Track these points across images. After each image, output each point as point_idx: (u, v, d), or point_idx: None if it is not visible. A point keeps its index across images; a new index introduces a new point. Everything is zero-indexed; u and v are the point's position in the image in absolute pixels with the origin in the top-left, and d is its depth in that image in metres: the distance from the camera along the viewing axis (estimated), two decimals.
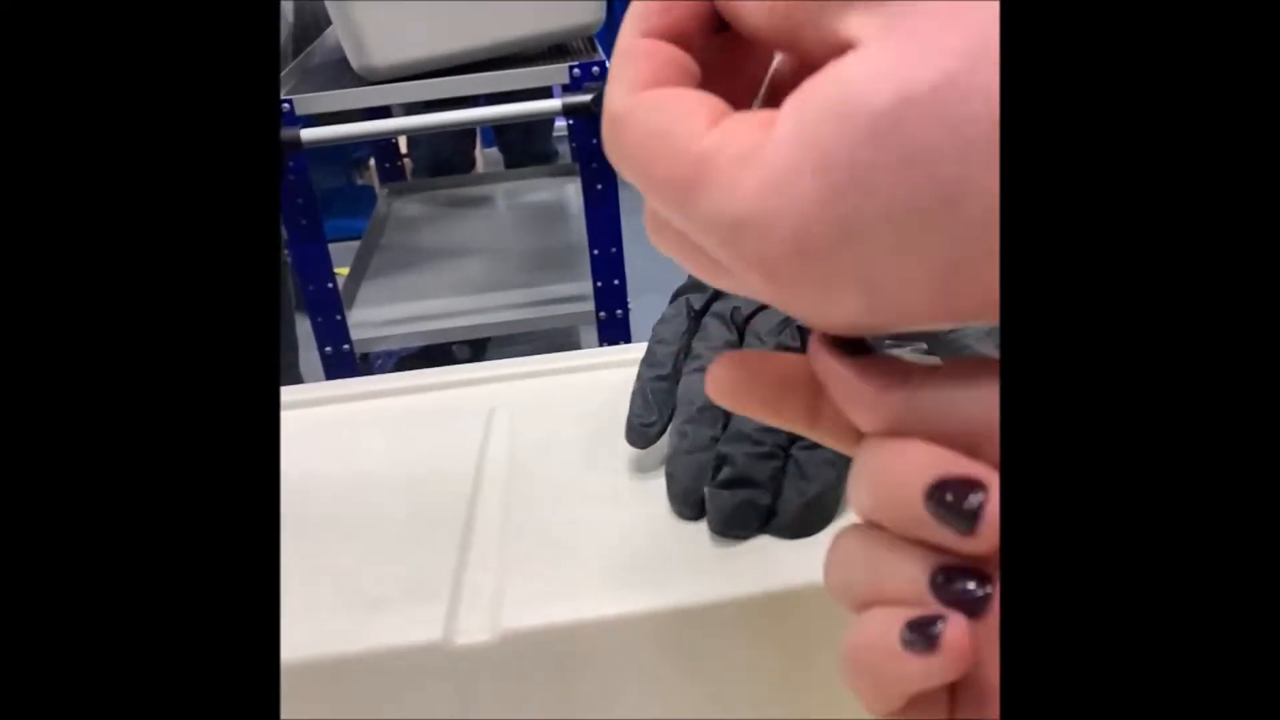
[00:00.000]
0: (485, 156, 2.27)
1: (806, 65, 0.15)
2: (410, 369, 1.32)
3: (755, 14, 0.16)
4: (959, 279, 0.14)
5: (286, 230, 1.11)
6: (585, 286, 1.21)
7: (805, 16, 0.15)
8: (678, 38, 0.17)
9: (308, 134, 1.03)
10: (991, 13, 0.13)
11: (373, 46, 1.05)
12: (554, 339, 1.53)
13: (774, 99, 0.19)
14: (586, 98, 1.04)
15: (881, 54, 0.14)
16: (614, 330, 1.18)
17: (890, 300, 0.15)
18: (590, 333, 1.24)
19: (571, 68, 1.06)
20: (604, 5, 1.11)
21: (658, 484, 0.32)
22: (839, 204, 0.14)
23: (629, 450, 0.34)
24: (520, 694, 0.27)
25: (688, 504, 0.31)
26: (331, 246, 1.14)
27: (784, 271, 0.15)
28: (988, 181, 0.13)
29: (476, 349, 1.36)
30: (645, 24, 0.17)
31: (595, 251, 1.15)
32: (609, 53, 1.13)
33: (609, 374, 0.40)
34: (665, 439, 0.33)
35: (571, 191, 1.65)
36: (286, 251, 1.69)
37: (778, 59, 0.19)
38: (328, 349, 1.17)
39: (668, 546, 0.29)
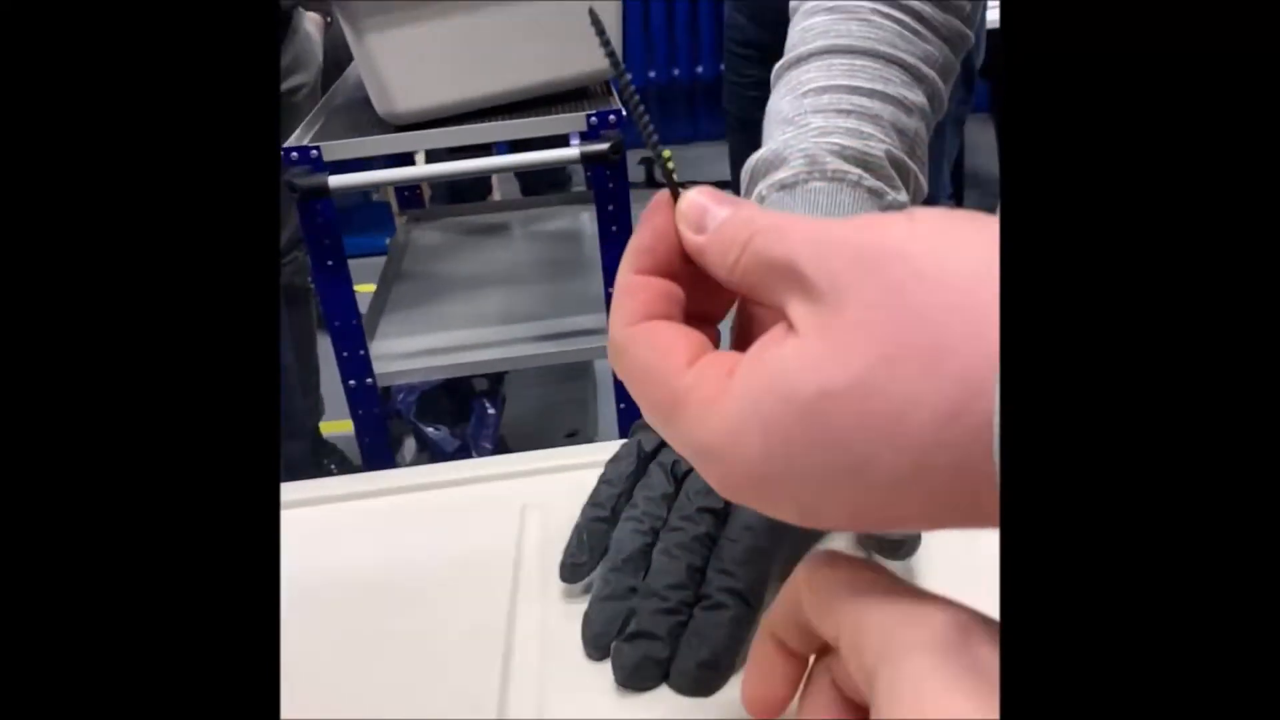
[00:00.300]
0: (500, 178, 2.31)
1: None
2: (432, 403, 1.36)
3: (719, 270, 0.21)
4: (866, 516, 0.19)
5: (314, 269, 1.15)
6: (601, 319, 1.25)
7: (759, 285, 0.20)
8: (664, 271, 0.22)
9: (335, 181, 1.07)
10: (895, 324, 0.18)
11: (396, 93, 1.09)
12: (568, 371, 1.56)
13: (743, 311, 0.23)
14: (604, 146, 1.07)
15: (812, 350, 0.18)
16: None
17: (816, 519, 0.20)
18: (605, 365, 1.28)
19: (589, 116, 1.09)
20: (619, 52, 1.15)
21: None
22: (776, 460, 0.19)
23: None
24: None
25: (597, 648, 0.32)
26: (350, 263, 1.17)
27: (737, 492, 0.20)
28: (889, 457, 0.18)
29: (494, 380, 1.40)
30: (636, 263, 0.22)
31: (610, 290, 1.19)
32: (621, 93, 1.18)
33: None
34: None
35: (586, 219, 1.69)
36: (312, 284, 1.74)
37: None
38: (351, 382, 1.21)
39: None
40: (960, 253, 0.18)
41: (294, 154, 1.08)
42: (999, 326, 0.16)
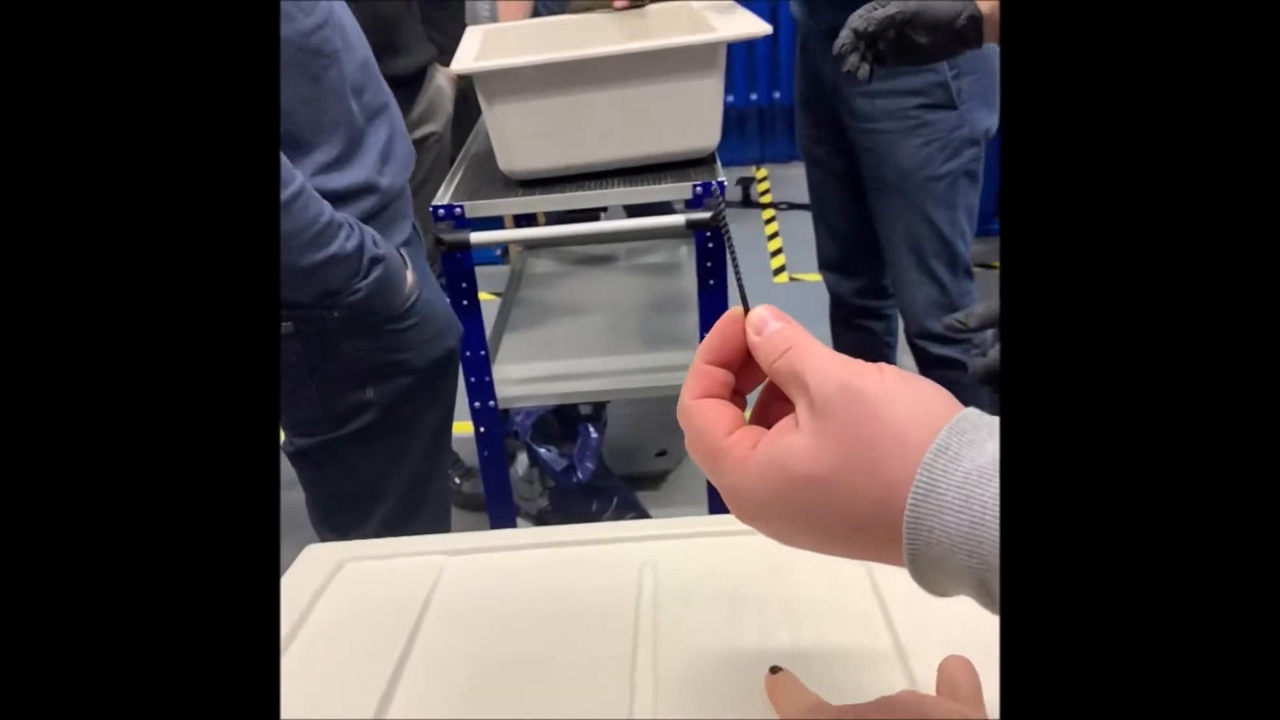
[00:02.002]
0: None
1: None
2: (544, 425, 1.53)
3: (763, 363, 0.34)
4: (824, 549, 0.32)
5: (452, 308, 1.33)
6: (692, 357, 1.40)
7: (784, 383, 0.33)
8: (723, 363, 0.36)
9: (475, 237, 1.25)
10: (854, 442, 0.29)
11: (517, 154, 1.26)
12: (665, 403, 1.72)
13: (763, 395, 0.36)
14: (707, 214, 1.22)
15: (806, 444, 0.31)
16: None
17: (794, 545, 0.33)
18: None
19: (695, 186, 1.24)
20: (719, 131, 1.29)
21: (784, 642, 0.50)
22: (774, 508, 0.31)
23: (764, 604, 0.52)
24: None
25: None
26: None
27: (747, 520, 0.33)
28: (842, 521, 0.30)
29: (598, 406, 1.57)
30: (706, 356, 0.36)
31: (702, 336, 1.34)
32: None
33: (743, 539, 0.59)
34: None
35: (684, 253, 1.84)
36: None
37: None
38: (476, 404, 1.39)
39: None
40: (902, 404, 0.29)
41: (440, 211, 1.26)
42: (928, 443, 0.27)
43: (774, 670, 0.45)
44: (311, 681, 0.50)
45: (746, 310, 0.35)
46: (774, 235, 3.05)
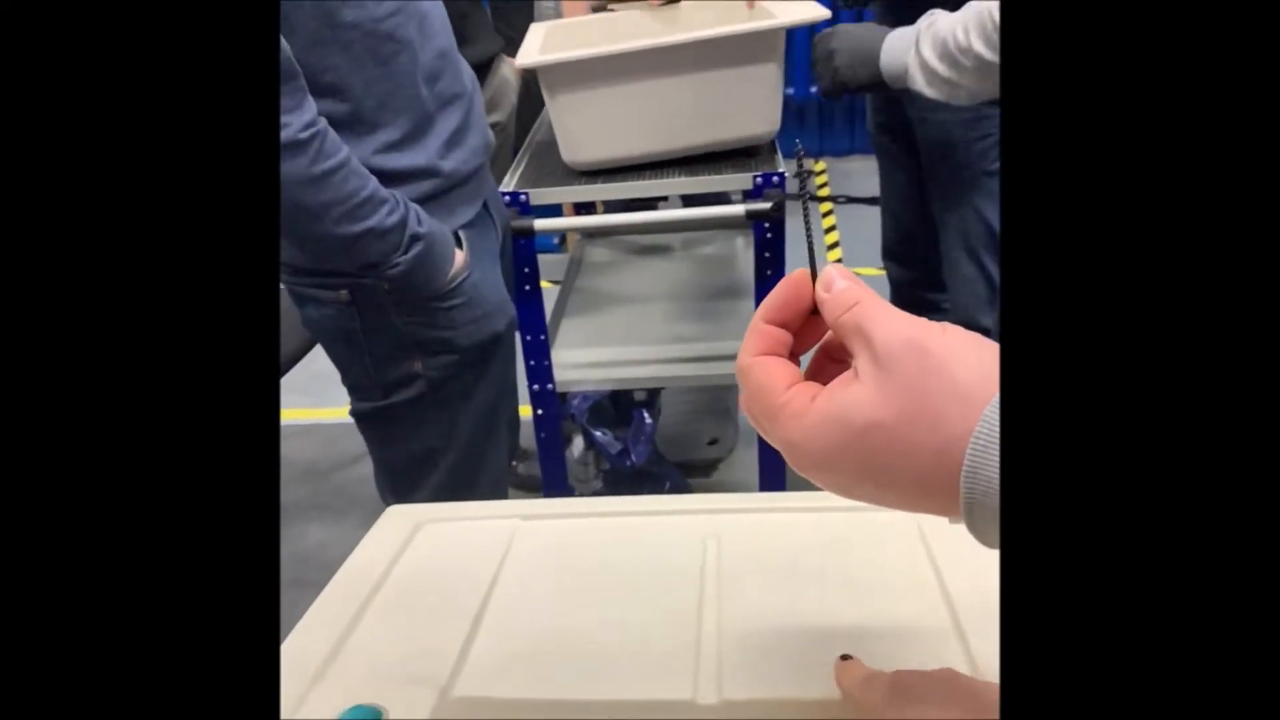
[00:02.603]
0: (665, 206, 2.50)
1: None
2: (600, 410, 1.57)
3: (828, 318, 0.35)
4: (881, 500, 0.32)
5: (515, 292, 1.37)
6: None
7: (847, 337, 0.33)
8: (782, 323, 0.36)
9: (539, 224, 1.28)
10: (918, 395, 0.29)
11: (579, 144, 1.29)
12: (718, 392, 1.74)
13: (818, 355, 0.37)
14: (767, 205, 1.24)
15: (867, 395, 0.30)
16: None
17: (850, 497, 0.33)
18: None
19: (755, 176, 1.26)
20: (779, 117, 1.30)
21: (844, 603, 0.52)
22: (832, 459, 0.31)
23: (823, 577, 0.54)
24: None
25: None
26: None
27: (805, 472, 0.33)
28: (902, 472, 0.30)
29: (653, 392, 1.60)
30: (766, 314, 0.37)
31: None
32: (784, 149, 1.33)
33: (803, 515, 0.61)
34: None
35: (740, 245, 1.85)
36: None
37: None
38: (535, 386, 1.43)
39: (836, 647, 0.50)
40: (966, 361, 0.30)
41: (507, 197, 1.30)
42: (989, 399, 0.27)
43: (844, 658, 0.46)
44: (391, 637, 0.53)
45: (815, 275, 0.36)
46: (831, 229, 3.04)
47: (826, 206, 3.19)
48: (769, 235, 1.30)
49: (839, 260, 2.81)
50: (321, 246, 0.96)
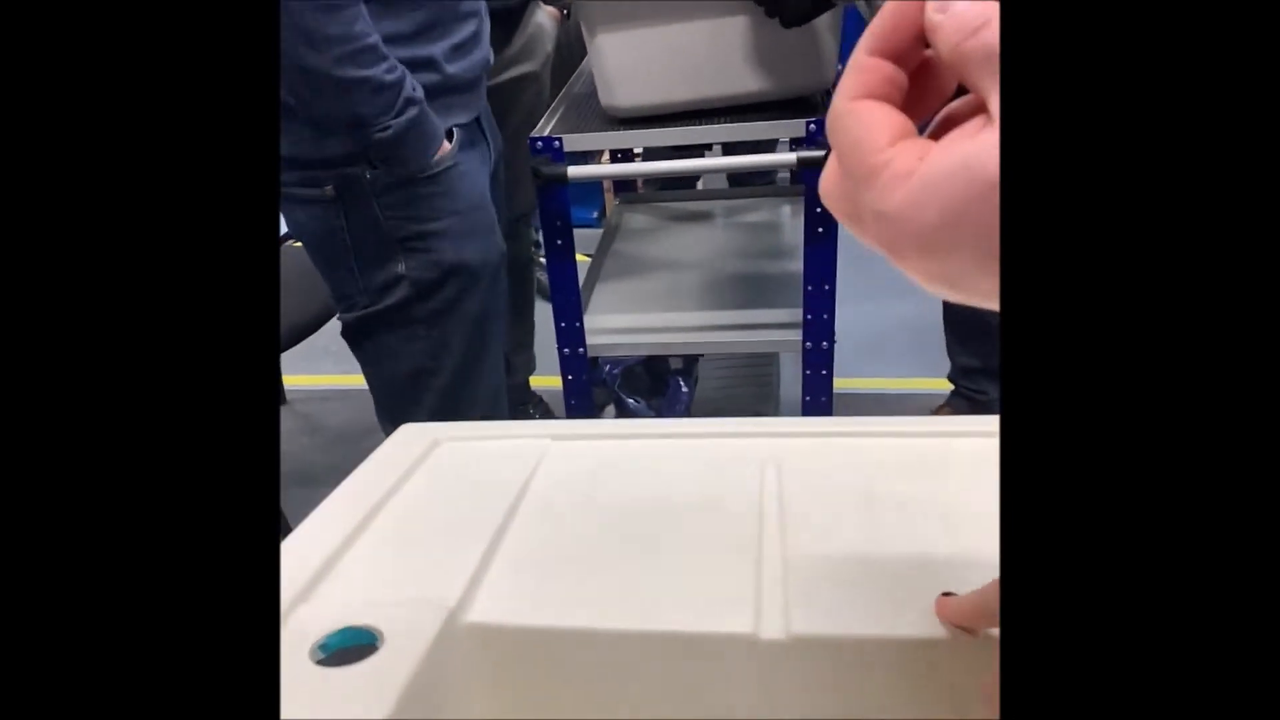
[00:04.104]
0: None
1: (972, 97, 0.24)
2: (633, 377, 1.48)
3: (944, 47, 0.24)
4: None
5: (545, 247, 1.29)
6: (793, 314, 1.32)
7: (974, 69, 0.23)
8: (895, 56, 0.25)
9: (573, 171, 1.20)
10: None
11: (619, 88, 1.21)
12: (755, 357, 1.65)
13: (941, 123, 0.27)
14: (820, 153, 1.15)
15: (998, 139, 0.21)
16: (818, 360, 1.29)
17: (956, 286, 0.24)
18: (789, 355, 1.35)
19: (809, 123, 1.17)
20: (835, 67, 1.21)
21: (905, 531, 0.44)
22: (946, 230, 0.22)
23: (904, 507, 0.46)
24: (807, 682, 0.40)
25: None
26: None
27: (901, 253, 0.24)
28: None
29: (689, 360, 1.51)
30: (871, 45, 0.26)
31: (809, 287, 1.26)
32: None
33: (871, 440, 0.52)
34: None
35: (786, 213, 1.76)
36: (540, 256, 1.93)
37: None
38: (566, 350, 1.35)
39: (925, 582, 0.41)
40: None
41: (539, 143, 1.22)
42: None
43: (946, 595, 0.39)
44: (394, 556, 0.45)
45: None
46: None
47: None
48: None
49: None
50: (317, 87, 0.96)
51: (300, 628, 0.40)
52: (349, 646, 0.38)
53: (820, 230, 1.23)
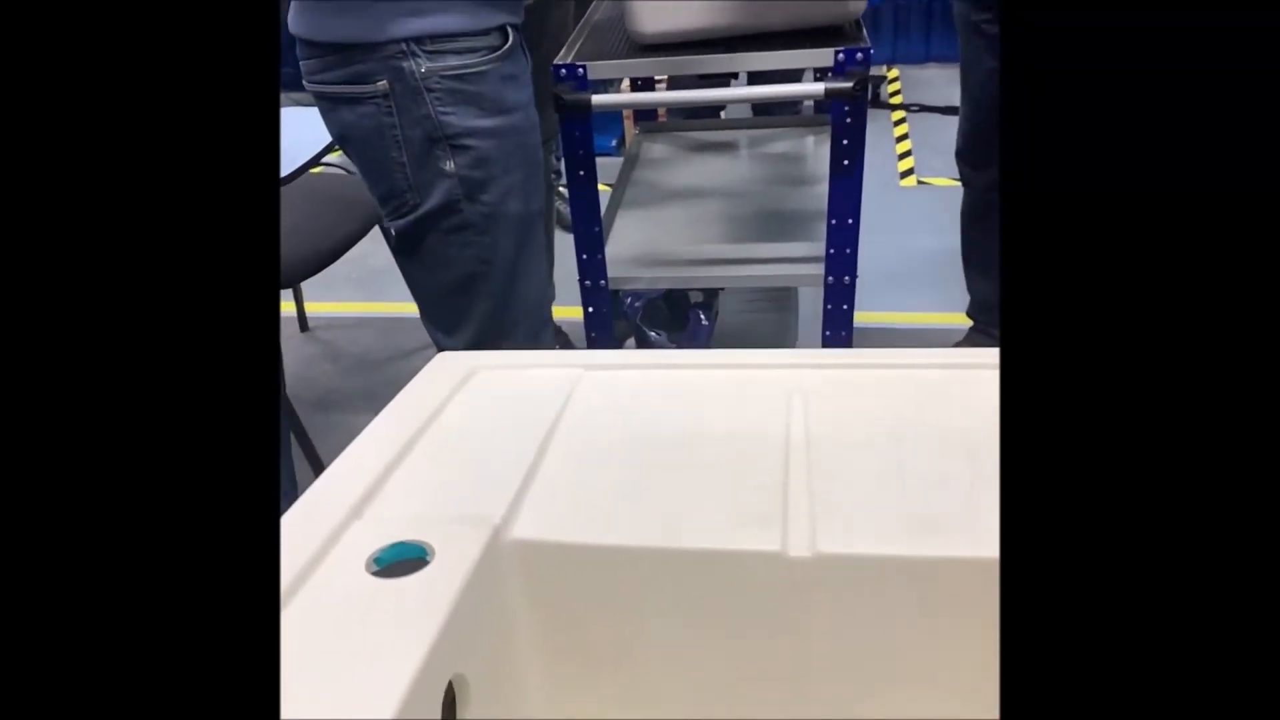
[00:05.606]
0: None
1: None
2: (654, 310, 1.49)
3: None
4: None
5: (568, 177, 1.29)
6: (815, 248, 1.32)
7: None
8: None
9: (597, 99, 1.19)
10: None
11: (645, 14, 1.19)
12: (775, 293, 1.66)
13: None
14: (849, 84, 1.13)
15: None
16: (840, 295, 1.30)
17: None
18: (807, 290, 1.35)
19: (837, 52, 1.15)
20: None
21: (938, 459, 0.46)
22: None
23: (931, 436, 0.47)
24: (831, 597, 0.42)
25: None
26: None
27: None
28: None
29: (710, 293, 1.52)
30: None
31: (833, 221, 1.26)
32: (872, 35, 1.22)
33: (893, 373, 0.54)
34: None
35: (811, 143, 1.74)
36: (561, 184, 1.91)
37: None
38: (587, 282, 1.36)
39: (946, 506, 0.43)
40: None
41: (563, 71, 1.21)
42: None
43: None
44: (439, 477, 0.48)
45: None
46: (903, 138, 2.91)
47: (899, 115, 3.05)
48: (849, 120, 1.20)
49: (910, 171, 2.68)
50: None
51: (354, 542, 0.42)
52: (402, 560, 0.41)
53: (845, 163, 1.23)
